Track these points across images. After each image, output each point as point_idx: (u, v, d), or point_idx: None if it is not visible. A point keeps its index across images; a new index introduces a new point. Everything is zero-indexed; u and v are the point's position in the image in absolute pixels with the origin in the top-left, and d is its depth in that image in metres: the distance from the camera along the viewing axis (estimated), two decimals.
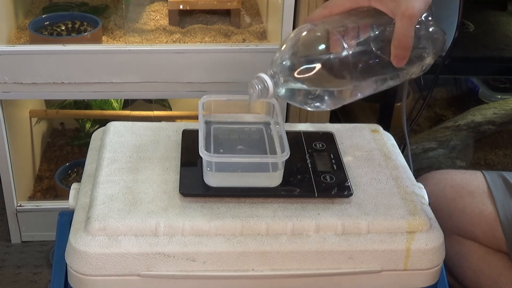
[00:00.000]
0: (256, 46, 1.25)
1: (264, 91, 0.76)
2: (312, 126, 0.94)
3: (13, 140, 1.37)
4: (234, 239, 0.74)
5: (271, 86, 0.76)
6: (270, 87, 0.76)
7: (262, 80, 0.76)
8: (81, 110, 1.60)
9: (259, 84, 0.76)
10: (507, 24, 1.47)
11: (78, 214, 0.77)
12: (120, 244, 0.72)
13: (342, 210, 0.77)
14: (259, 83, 0.76)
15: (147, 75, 1.25)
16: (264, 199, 0.78)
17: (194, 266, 0.73)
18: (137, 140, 0.88)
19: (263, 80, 0.76)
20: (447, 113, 1.81)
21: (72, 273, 0.74)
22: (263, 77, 0.76)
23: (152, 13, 1.42)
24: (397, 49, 0.75)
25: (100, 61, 1.23)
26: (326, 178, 0.81)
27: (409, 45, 0.75)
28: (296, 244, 0.74)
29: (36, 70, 1.22)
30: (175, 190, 0.79)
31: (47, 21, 1.38)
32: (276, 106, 0.87)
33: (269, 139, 0.86)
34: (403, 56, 0.75)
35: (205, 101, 0.87)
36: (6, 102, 1.30)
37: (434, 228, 0.78)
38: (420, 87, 1.27)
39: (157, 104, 1.60)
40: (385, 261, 0.76)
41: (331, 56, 0.76)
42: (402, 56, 0.75)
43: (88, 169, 0.86)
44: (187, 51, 1.24)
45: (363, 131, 0.94)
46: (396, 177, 0.84)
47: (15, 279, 1.37)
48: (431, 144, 1.55)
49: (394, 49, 0.75)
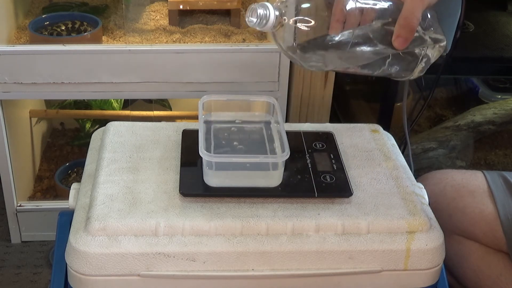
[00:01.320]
0: (256, 46, 1.25)
1: (264, 18, 0.73)
2: (312, 126, 0.94)
3: (13, 140, 1.37)
4: (234, 239, 0.74)
5: (272, 15, 0.73)
6: (271, 16, 0.73)
7: (265, 7, 0.73)
8: (81, 110, 1.60)
9: (260, 9, 0.73)
10: (507, 24, 1.47)
11: (78, 214, 0.77)
12: (120, 244, 0.72)
13: (342, 210, 0.77)
14: (261, 8, 0.73)
15: (147, 75, 1.25)
16: (264, 199, 0.78)
17: (194, 266, 0.73)
18: (137, 140, 0.88)
19: (266, 6, 0.73)
20: (447, 113, 1.81)
21: (72, 273, 0.74)
22: (267, 4, 0.73)
23: (152, 13, 1.42)
24: (401, 28, 0.74)
25: (100, 61, 1.23)
26: (326, 178, 0.81)
27: (414, 26, 0.74)
28: (296, 244, 0.74)
29: (36, 70, 1.22)
30: (175, 190, 0.79)
31: (47, 21, 1.38)
32: (276, 105, 0.87)
33: (269, 139, 0.86)
34: (405, 37, 0.74)
35: (205, 101, 0.87)
36: (6, 102, 1.30)
37: (434, 228, 0.78)
38: (421, 87, 1.27)
39: (157, 104, 1.60)
40: (385, 261, 0.76)
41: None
42: (405, 37, 0.74)
43: (88, 169, 0.86)
44: (187, 51, 1.24)
45: (363, 131, 0.94)
46: (396, 177, 0.84)
47: (15, 279, 1.37)
48: (431, 144, 1.55)
49: (398, 28, 0.74)
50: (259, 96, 0.89)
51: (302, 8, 0.74)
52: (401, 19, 0.74)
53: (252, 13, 0.74)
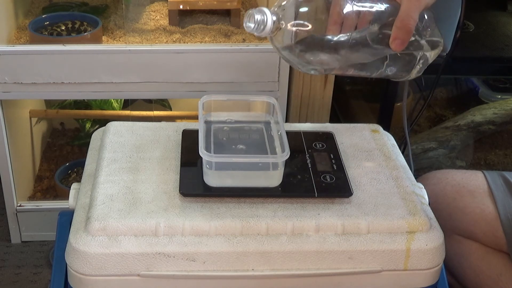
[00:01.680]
0: (256, 46, 1.25)
1: (261, 23, 0.73)
2: (312, 126, 0.94)
3: (13, 140, 1.37)
4: (234, 239, 0.74)
5: (270, 20, 0.72)
6: (269, 21, 0.72)
7: (262, 12, 0.72)
8: (81, 110, 1.60)
9: (258, 15, 0.72)
10: (507, 24, 1.47)
11: (78, 214, 0.77)
12: (120, 244, 0.72)
13: (342, 210, 0.77)
14: (258, 14, 0.72)
15: (147, 75, 1.25)
16: (264, 199, 0.78)
17: (194, 266, 0.73)
18: (137, 140, 0.88)
19: (263, 12, 0.72)
20: (447, 113, 1.81)
21: (72, 273, 0.74)
22: (264, 9, 0.73)
23: (152, 13, 1.42)
24: (399, 30, 0.74)
25: (100, 61, 1.23)
26: (326, 178, 0.81)
27: (411, 28, 0.74)
28: (296, 244, 0.74)
29: (36, 70, 1.22)
30: (175, 190, 0.79)
31: (47, 21, 1.38)
32: (276, 105, 0.87)
33: (269, 139, 0.86)
34: (403, 39, 0.74)
35: (205, 101, 0.87)
36: (6, 102, 1.30)
37: (434, 228, 0.78)
38: (421, 87, 1.27)
39: (157, 104, 1.60)
40: (385, 261, 0.76)
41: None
42: (402, 39, 0.74)
43: (88, 169, 0.86)
44: (187, 51, 1.24)
45: (363, 131, 0.94)
46: (396, 177, 0.84)
47: (15, 279, 1.37)
48: (431, 144, 1.55)
49: (395, 30, 0.74)
50: (259, 96, 0.89)
51: (300, 12, 0.74)
52: (398, 21, 0.74)
53: (249, 18, 0.74)
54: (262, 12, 0.73)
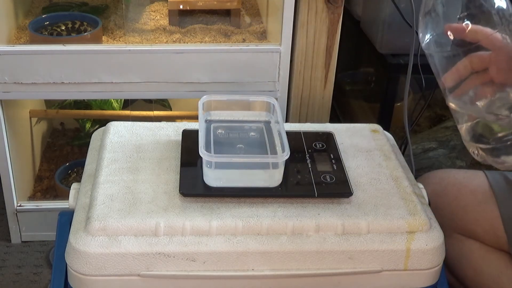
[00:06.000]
0: (256, 46, 1.25)
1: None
2: (312, 126, 0.94)
3: (13, 140, 1.37)
4: (234, 239, 0.74)
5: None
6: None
7: None
8: (81, 110, 1.60)
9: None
10: None
11: (78, 214, 0.77)
12: (120, 244, 0.72)
13: (342, 210, 0.77)
14: None
15: (147, 75, 1.25)
16: (264, 199, 0.78)
17: (194, 266, 0.73)
18: (137, 140, 0.88)
19: None
20: (447, 113, 1.81)
21: (72, 273, 0.74)
22: None
23: (152, 13, 1.42)
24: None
25: (100, 61, 1.23)
26: (326, 178, 0.81)
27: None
28: (296, 244, 0.74)
29: (36, 70, 1.22)
30: (175, 190, 0.79)
31: (47, 21, 1.38)
32: (276, 105, 0.87)
33: (269, 138, 0.86)
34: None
35: (205, 101, 0.87)
36: (6, 102, 1.30)
37: (434, 228, 0.78)
38: (421, 87, 1.27)
39: (157, 104, 1.60)
40: (385, 261, 0.76)
41: None
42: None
43: (88, 169, 0.86)
44: (187, 51, 1.23)
45: (363, 131, 0.94)
46: (396, 177, 0.84)
47: (15, 279, 1.37)
48: (431, 144, 1.55)
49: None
50: (259, 96, 0.89)
51: None
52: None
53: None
54: None
